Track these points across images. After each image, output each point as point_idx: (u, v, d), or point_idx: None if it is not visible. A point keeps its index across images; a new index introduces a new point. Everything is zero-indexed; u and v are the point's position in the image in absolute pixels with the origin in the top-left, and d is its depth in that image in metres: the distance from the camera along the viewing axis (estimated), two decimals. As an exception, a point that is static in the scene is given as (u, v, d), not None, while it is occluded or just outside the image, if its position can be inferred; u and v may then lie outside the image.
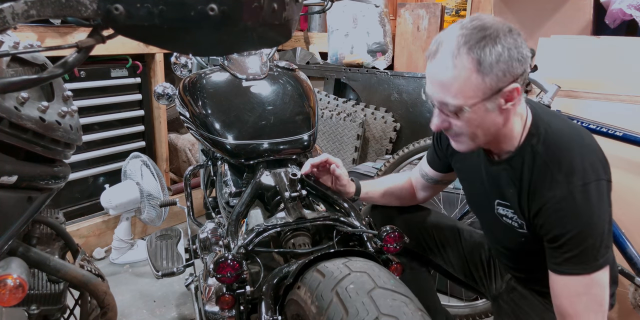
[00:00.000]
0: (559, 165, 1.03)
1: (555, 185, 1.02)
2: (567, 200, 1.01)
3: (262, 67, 1.48)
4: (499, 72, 0.96)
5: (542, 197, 1.04)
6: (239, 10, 0.53)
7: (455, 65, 0.96)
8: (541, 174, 1.05)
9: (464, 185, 1.35)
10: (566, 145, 1.06)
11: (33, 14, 0.48)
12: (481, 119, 1.02)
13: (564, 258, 1.03)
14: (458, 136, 1.08)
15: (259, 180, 1.27)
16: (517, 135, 1.09)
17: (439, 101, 1.02)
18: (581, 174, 1.02)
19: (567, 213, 1.01)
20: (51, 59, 0.82)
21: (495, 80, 0.96)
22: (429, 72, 1.03)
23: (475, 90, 0.97)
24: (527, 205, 1.09)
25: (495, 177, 1.16)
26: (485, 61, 0.94)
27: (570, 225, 1.01)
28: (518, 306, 1.27)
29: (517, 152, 1.09)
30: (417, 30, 2.74)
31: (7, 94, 0.66)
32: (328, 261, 0.93)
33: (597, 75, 1.87)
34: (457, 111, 1.00)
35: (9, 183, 0.70)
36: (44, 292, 0.92)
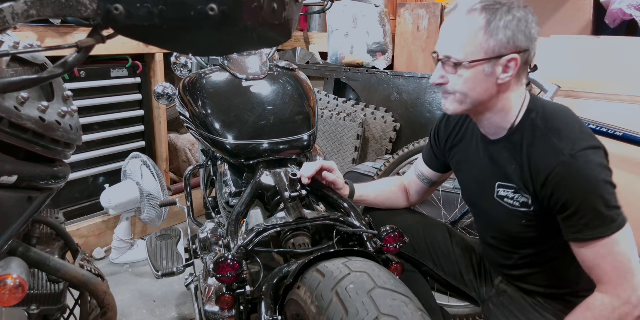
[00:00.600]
0: (558, 134, 1.07)
1: (557, 153, 1.05)
2: (572, 165, 1.03)
3: (262, 67, 1.48)
4: (503, 38, 1.02)
5: (546, 167, 1.06)
6: (239, 10, 0.53)
7: (468, 20, 1.04)
8: (542, 145, 1.08)
9: (462, 177, 1.36)
10: (563, 117, 1.12)
11: (33, 14, 0.48)
12: (476, 80, 1.07)
13: (581, 225, 1.04)
14: (450, 94, 1.12)
15: (259, 180, 1.27)
16: (514, 111, 1.13)
17: (444, 55, 1.08)
18: (580, 141, 1.06)
19: (573, 178, 1.04)
20: (51, 59, 0.82)
21: (498, 45, 1.03)
22: (444, 25, 1.11)
23: (478, 49, 1.04)
24: (530, 179, 1.10)
25: (495, 158, 1.18)
26: (493, 23, 1.02)
27: (579, 190, 1.03)
28: (508, 309, 1.27)
29: (517, 127, 1.13)
30: (417, 30, 2.74)
31: (7, 94, 0.66)
32: (328, 261, 0.93)
33: (597, 75, 1.87)
34: (456, 66, 1.06)
35: (9, 183, 0.70)
36: (44, 292, 0.92)
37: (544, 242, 1.19)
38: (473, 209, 1.38)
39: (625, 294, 1.04)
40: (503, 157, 1.16)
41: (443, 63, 1.10)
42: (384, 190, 1.47)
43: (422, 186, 1.47)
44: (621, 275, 1.04)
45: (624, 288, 1.04)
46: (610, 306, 1.04)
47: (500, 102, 1.12)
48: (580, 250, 1.07)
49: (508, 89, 1.11)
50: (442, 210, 2.05)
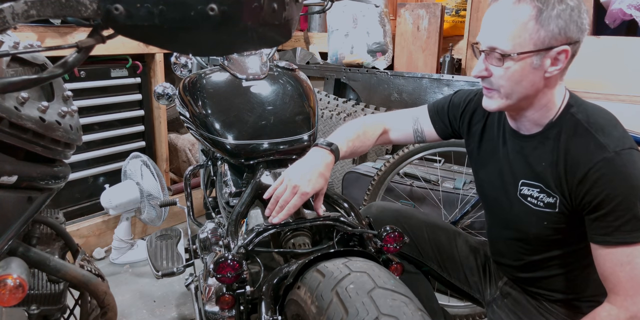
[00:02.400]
0: (602, 131, 1.03)
1: (601, 149, 1.01)
2: (616, 162, 0.99)
3: (262, 67, 1.48)
4: (555, 28, 0.96)
5: (587, 161, 1.01)
6: (239, 10, 0.53)
7: (517, 9, 0.97)
8: (584, 139, 1.03)
9: (479, 170, 1.30)
10: (605, 114, 1.07)
11: (33, 14, 0.48)
12: (523, 73, 1.00)
13: (613, 226, 0.99)
14: (492, 90, 1.07)
15: (259, 180, 1.26)
16: (556, 106, 1.08)
17: (488, 46, 1.02)
18: (624, 140, 1.02)
19: (617, 175, 0.99)
20: (51, 59, 0.82)
21: (549, 36, 0.97)
22: (488, 15, 1.03)
23: (528, 39, 0.97)
24: (565, 175, 1.05)
25: (525, 153, 1.14)
26: (545, 12, 0.95)
27: (619, 189, 0.98)
28: (512, 311, 1.26)
29: (556, 122, 1.08)
30: (417, 30, 2.74)
31: (7, 94, 0.66)
32: (328, 261, 0.93)
33: (597, 75, 1.87)
34: (504, 57, 0.99)
35: (9, 183, 0.70)
36: (44, 292, 0.92)
37: (560, 247, 1.15)
38: (487, 206, 1.33)
39: (635, 307, 0.99)
40: (535, 154, 1.11)
41: (487, 55, 1.03)
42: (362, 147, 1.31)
43: (410, 138, 1.39)
44: (635, 288, 0.99)
45: (635, 301, 0.99)
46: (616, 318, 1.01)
47: (545, 98, 1.06)
48: (602, 253, 1.02)
49: (554, 83, 1.05)
50: (442, 210, 2.05)
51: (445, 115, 1.33)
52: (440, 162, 2.29)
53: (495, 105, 1.08)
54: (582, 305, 1.19)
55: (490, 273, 1.38)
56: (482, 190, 1.33)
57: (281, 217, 1.07)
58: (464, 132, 1.31)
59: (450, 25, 2.80)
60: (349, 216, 1.16)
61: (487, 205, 1.33)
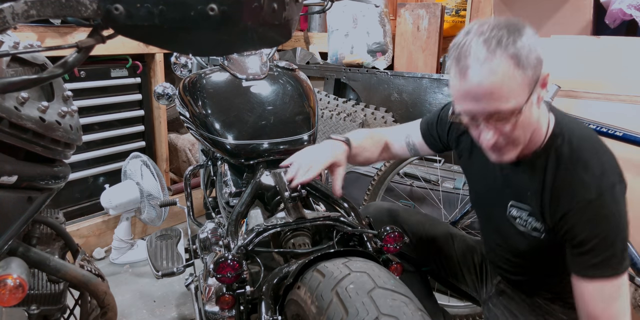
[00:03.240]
0: (585, 167, 1.01)
1: (582, 188, 1.00)
2: (596, 204, 0.99)
3: (262, 67, 1.48)
4: (534, 60, 0.94)
5: (569, 200, 1.02)
6: (239, 10, 0.53)
7: (497, 69, 0.92)
8: (566, 176, 1.03)
9: (471, 184, 1.32)
10: (590, 147, 1.04)
11: (33, 14, 0.48)
12: (529, 115, 0.99)
13: (592, 263, 1.00)
14: (506, 146, 1.02)
15: (259, 180, 1.26)
16: (542, 133, 1.06)
17: (487, 113, 0.97)
18: (608, 175, 1.00)
19: (595, 216, 0.99)
20: (51, 59, 0.82)
21: (534, 70, 0.95)
22: (466, 88, 0.96)
23: (522, 87, 0.95)
24: (549, 209, 1.06)
25: (512, 178, 1.14)
26: (522, 55, 0.93)
27: (599, 229, 0.99)
28: (507, 309, 1.27)
29: (541, 152, 1.06)
30: (417, 30, 2.74)
31: (7, 94, 0.66)
32: (328, 261, 0.93)
33: (597, 75, 1.87)
34: (510, 116, 0.96)
35: (9, 183, 0.70)
36: (44, 292, 0.92)
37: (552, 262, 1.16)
38: (479, 214, 1.35)
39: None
40: (522, 179, 1.11)
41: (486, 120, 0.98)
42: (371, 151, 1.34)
43: (405, 154, 1.40)
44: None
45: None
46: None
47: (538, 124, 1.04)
48: (580, 284, 1.03)
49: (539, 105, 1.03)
50: (442, 210, 2.05)
51: (434, 130, 1.34)
52: (440, 162, 2.29)
53: (512, 156, 1.05)
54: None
55: (486, 271, 1.39)
56: (474, 201, 1.35)
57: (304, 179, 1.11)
58: (454, 146, 1.32)
59: (450, 25, 2.80)
60: (349, 216, 1.16)
61: (479, 214, 1.36)
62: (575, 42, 1.95)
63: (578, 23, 2.15)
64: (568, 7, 2.16)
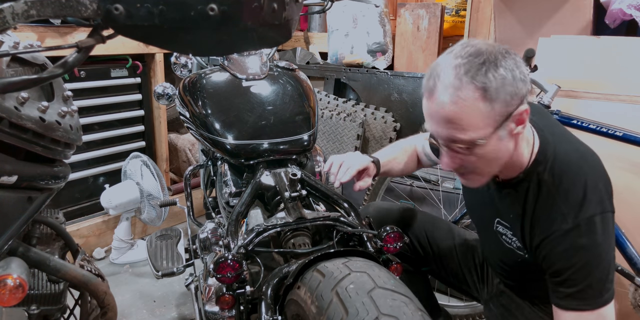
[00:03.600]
0: (565, 196, 0.99)
1: (560, 218, 0.98)
2: (572, 234, 0.97)
3: (262, 67, 1.48)
4: (506, 96, 0.90)
5: (545, 228, 1.01)
6: (239, 10, 0.53)
7: (460, 97, 0.89)
8: (546, 204, 1.01)
9: (466, 196, 1.34)
10: (573, 175, 1.01)
11: (33, 14, 0.48)
12: (496, 149, 0.96)
13: (567, 293, 0.99)
14: (470, 174, 1.03)
15: (259, 180, 1.26)
16: (524, 160, 1.04)
17: (447, 138, 0.95)
18: (587, 206, 0.97)
19: (571, 246, 0.97)
20: (51, 59, 0.82)
21: (504, 106, 0.91)
22: (430, 109, 0.95)
23: (486, 120, 0.91)
24: (528, 234, 1.06)
25: (498, 198, 1.14)
26: (491, 87, 0.89)
27: (574, 259, 0.97)
28: (507, 309, 1.27)
29: (523, 177, 1.05)
30: (417, 30, 2.74)
31: (7, 94, 0.66)
32: (328, 261, 0.93)
33: (597, 75, 1.87)
34: (470, 146, 0.94)
35: (9, 183, 0.70)
36: (44, 292, 0.92)
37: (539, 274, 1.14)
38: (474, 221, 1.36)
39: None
40: (505, 201, 1.11)
41: (447, 146, 0.97)
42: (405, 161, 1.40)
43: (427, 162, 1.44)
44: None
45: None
46: None
47: (516, 155, 1.02)
48: (557, 314, 1.02)
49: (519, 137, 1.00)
50: (442, 210, 2.05)
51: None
52: (440, 162, 2.29)
53: (478, 184, 1.06)
54: None
55: (487, 272, 1.39)
56: (469, 209, 1.38)
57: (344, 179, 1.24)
58: None
59: (450, 25, 2.80)
60: (349, 216, 1.16)
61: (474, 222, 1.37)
62: (575, 42, 1.95)
63: (578, 23, 2.15)
64: (568, 7, 2.16)
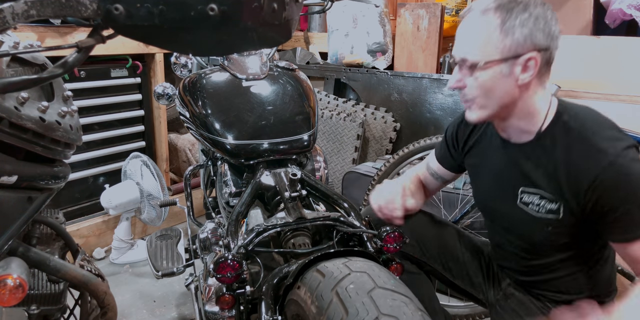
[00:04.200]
0: (597, 135, 1.03)
1: (601, 154, 1.01)
2: (621, 165, 0.99)
3: (262, 67, 1.48)
4: (520, 36, 0.99)
5: (591, 169, 1.02)
6: (239, 10, 0.53)
7: (482, 21, 1.02)
8: (581, 147, 1.04)
9: (477, 182, 1.32)
10: (595, 117, 1.08)
11: (33, 14, 0.48)
12: (493, 82, 1.03)
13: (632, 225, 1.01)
14: (470, 102, 1.09)
15: (259, 180, 1.26)
16: (541, 115, 1.09)
17: (460, 57, 1.06)
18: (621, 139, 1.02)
19: (625, 178, 0.99)
20: (51, 59, 0.82)
21: (515, 44, 1.00)
22: (458, 30, 1.08)
23: (493, 48, 1.01)
24: (567, 184, 1.06)
25: (519, 162, 1.14)
26: (509, 22, 0.99)
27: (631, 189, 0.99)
28: (516, 313, 1.26)
29: (546, 132, 1.09)
30: (417, 30, 2.74)
31: (7, 94, 0.66)
32: (328, 261, 0.93)
33: (597, 75, 1.87)
34: (472, 68, 1.03)
35: (9, 183, 0.70)
36: (44, 292, 0.92)
37: (565, 250, 1.15)
38: (488, 214, 1.34)
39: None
40: (530, 162, 1.12)
41: (460, 66, 1.07)
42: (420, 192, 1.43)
43: (435, 183, 1.44)
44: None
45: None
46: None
47: (525, 105, 1.07)
48: (628, 248, 1.03)
49: (529, 89, 1.06)
50: (442, 210, 2.05)
51: (447, 151, 1.38)
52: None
53: (475, 116, 1.11)
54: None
55: (493, 274, 1.38)
56: (480, 201, 1.35)
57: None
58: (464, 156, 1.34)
59: (450, 25, 2.80)
60: (349, 216, 1.16)
61: (488, 216, 1.34)
62: (575, 42, 1.95)
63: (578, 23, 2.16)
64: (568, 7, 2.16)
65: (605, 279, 1.20)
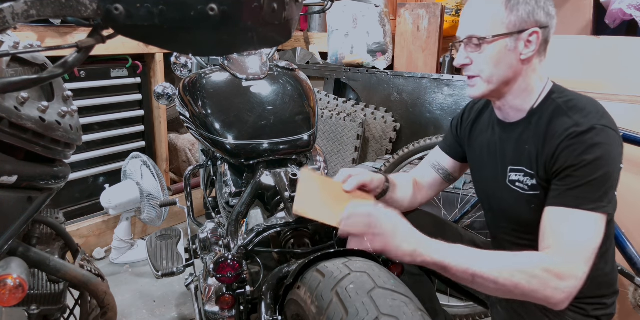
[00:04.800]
0: (581, 111, 1.07)
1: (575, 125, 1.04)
2: (585, 135, 1.02)
3: (262, 67, 1.48)
4: (523, 13, 1.07)
5: (561, 135, 1.05)
6: (239, 10, 0.53)
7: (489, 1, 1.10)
8: (561, 120, 1.08)
9: (475, 164, 1.33)
10: (588, 100, 1.12)
11: (33, 14, 0.48)
12: (500, 56, 1.10)
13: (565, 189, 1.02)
14: (474, 78, 1.14)
15: (259, 180, 1.27)
16: (536, 93, 1.15)
17: (467, 35, 1.12)
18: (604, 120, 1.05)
19: (581, 146, 1.02)
20: (51, 59, 0.82)
21: (519, 20, 1.08)
22: (464, 12, 1.16)
23: (500, 24, 1.09)
24: (542, 153, 1.09)
25: (510, 140, 1.19)
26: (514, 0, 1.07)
27: (582, 157, 1.01)
28: (516, 313, 1.26)
29: (537, 108, 1.14)
30: (417, 30, 2.73)
31: (7, 94, 0.66)
32: (328, 261, 0.93)
33: (597, 75, 1.87)
34: (480, 41, 1.10)
35: (9, 183, 0.70)
36: (44, 292, 0.92)
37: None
38: (485, 201, 1.35)
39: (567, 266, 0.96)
40: (520, 139, 1.16)
41: (466, 44, 1.13)
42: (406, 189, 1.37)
43: (437, 178, 1.42)
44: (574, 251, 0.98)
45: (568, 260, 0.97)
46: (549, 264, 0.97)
47: (524, 82, 1.13)
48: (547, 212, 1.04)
49: (530, 65, 1.12)
50: (442, 210, 2.05)
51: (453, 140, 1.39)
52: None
53: (479, 92, 1.15)
54: (587, 307, 1.18)
55: None
56: (479, 186, 1.35)
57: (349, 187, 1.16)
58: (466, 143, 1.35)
59: (450, 25, 2.80)
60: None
61: (485, 202, 1.35)
62: (575, 42, 1.95)
63: (578, 23, 2.16)
64: (568, 7, 2.16)
65: (606, 279, 1.20)
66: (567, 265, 0.97)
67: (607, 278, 1.21)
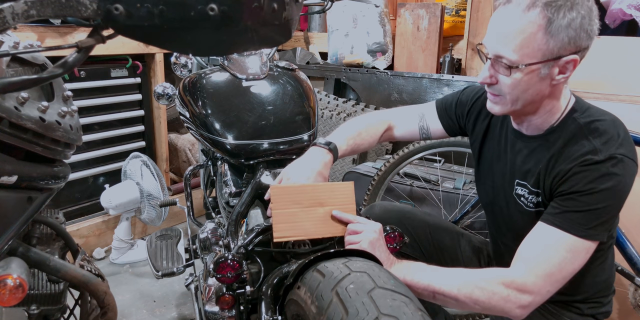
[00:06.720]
0: (600, 137, 1.00)
1: (592, 153, 0.98)
2: (601, 165, 0.97)
3: (262, 67, 1.48)
4: (565, 38, 0.93)
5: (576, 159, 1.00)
6: (239, 10, 0.53)
7: (525, 19, 0.93)
8: (579, 142, 1.01)
9: (481, 169, 1.30)
10: (610, 121, 1.03)
11: (33, 14, 0.48)
12: (530, 83, 0.98)
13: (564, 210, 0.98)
14: (498, 96, 1.05)
15: (259, 180, 1.26)
16: (559, 112, 1.06)
17: (495, 54, 0.99)
18: (623, 148, 0.99)
19: (594, 174, 0.97)
20: (51, 59, 0.82)
21: (558, 46, 0.94)
22: (495, 19, 0.99)
23: (536, 50, 0.94)
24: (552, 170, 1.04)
25: (522, 153, 1.13)
26: (556, 22, 0.91)
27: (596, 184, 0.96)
28: None
29: (557, 126, 1.07)
30: (417, 30, 2.73)
31: (7, 94, 0.66)
32: (328, 261, 0.92)
33: (597, 75, 1.87)
34: (511, 67, 0.97)
35: (9, 183, 0.70)
36: (44, 292, 0.92)
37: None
38: (488, 206, 1.33)
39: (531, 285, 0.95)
40: (532, 155, 1.11)
41: (493, 62, 1.00)
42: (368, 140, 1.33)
43: (414, 134, 1.37)
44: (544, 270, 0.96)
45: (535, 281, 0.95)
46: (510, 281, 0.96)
47: (550, 104, 1.05)
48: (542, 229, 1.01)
49: (560, 89, 1.03)
50: (442, 210, 2.05)
51: (453, 111, 1.33)
52: (440, 162, 2.29)
53: (500, 111, 1.08)
54: (582, 307, 1.19)
55: None
56: (482, 189, 1.33)
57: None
58: (469, 130, 1.31)
59: (450, 25, 2.80)
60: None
61: (488, 207, 1.34)
62: (575, 42, 1.95)
63: (578, 23, 2.15)
64: (568, 7, 2.16)
65: (603, 280, 1.20)
66: (530, 279, 0.96)
67: (604, 284, 1.21)
